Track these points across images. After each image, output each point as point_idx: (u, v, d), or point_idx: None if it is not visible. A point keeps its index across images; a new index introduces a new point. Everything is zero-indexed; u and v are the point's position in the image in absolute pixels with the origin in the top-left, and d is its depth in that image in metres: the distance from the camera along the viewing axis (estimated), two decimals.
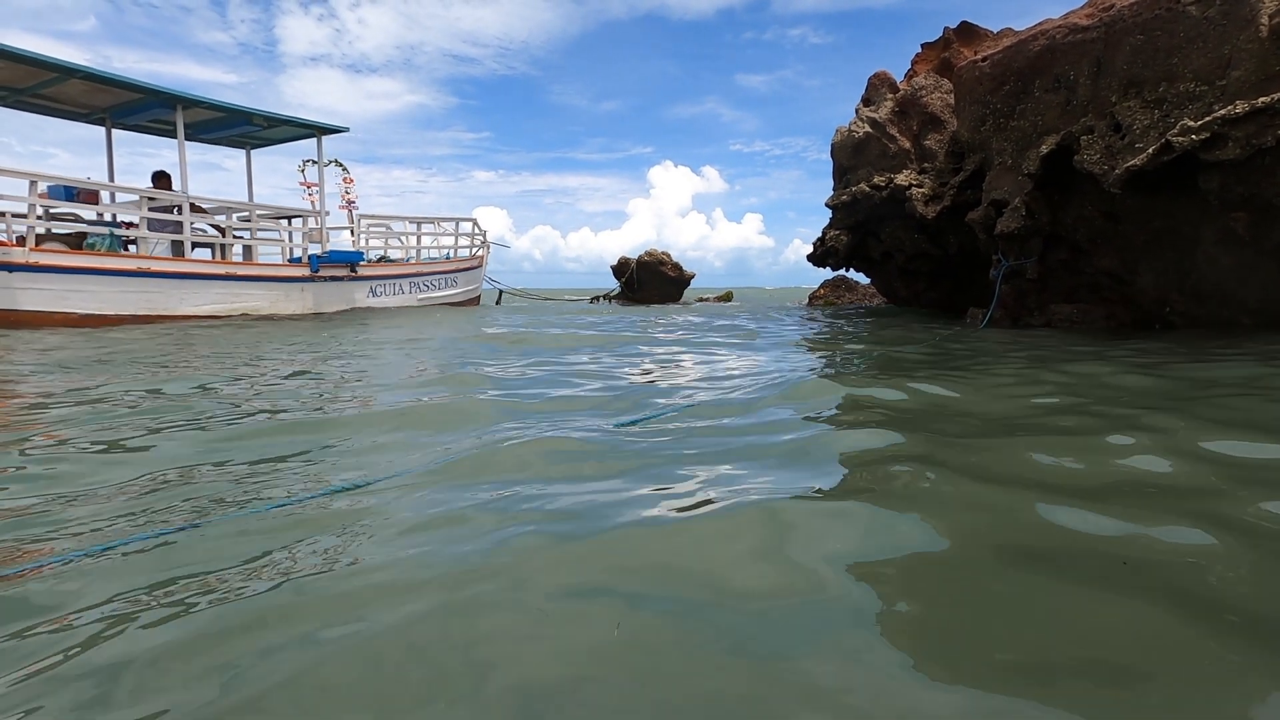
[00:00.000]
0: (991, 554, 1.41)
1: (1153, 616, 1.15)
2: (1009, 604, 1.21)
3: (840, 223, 10.85)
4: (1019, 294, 8.55)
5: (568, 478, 2.01)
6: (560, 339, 7.11)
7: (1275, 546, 1.41)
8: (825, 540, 1.47)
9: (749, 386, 3.71)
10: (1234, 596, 1.21)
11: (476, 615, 1.18)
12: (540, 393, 3.62)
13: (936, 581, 1.32)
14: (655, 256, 19.05)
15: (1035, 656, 1.06)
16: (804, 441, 2.36)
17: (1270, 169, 5.63)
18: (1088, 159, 6.89)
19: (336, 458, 2.35)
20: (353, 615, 1.19)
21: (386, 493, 1.90)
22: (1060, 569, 1.34)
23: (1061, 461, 2.05)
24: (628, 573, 1.35)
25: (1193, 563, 1.35)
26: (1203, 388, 3.36)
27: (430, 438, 2.59)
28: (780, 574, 1.33)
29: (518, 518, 1.65)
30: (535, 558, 1.41)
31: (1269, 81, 5.55)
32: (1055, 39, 7.37)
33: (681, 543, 1.49)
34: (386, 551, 1.47)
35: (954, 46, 9.98)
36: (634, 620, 1.16)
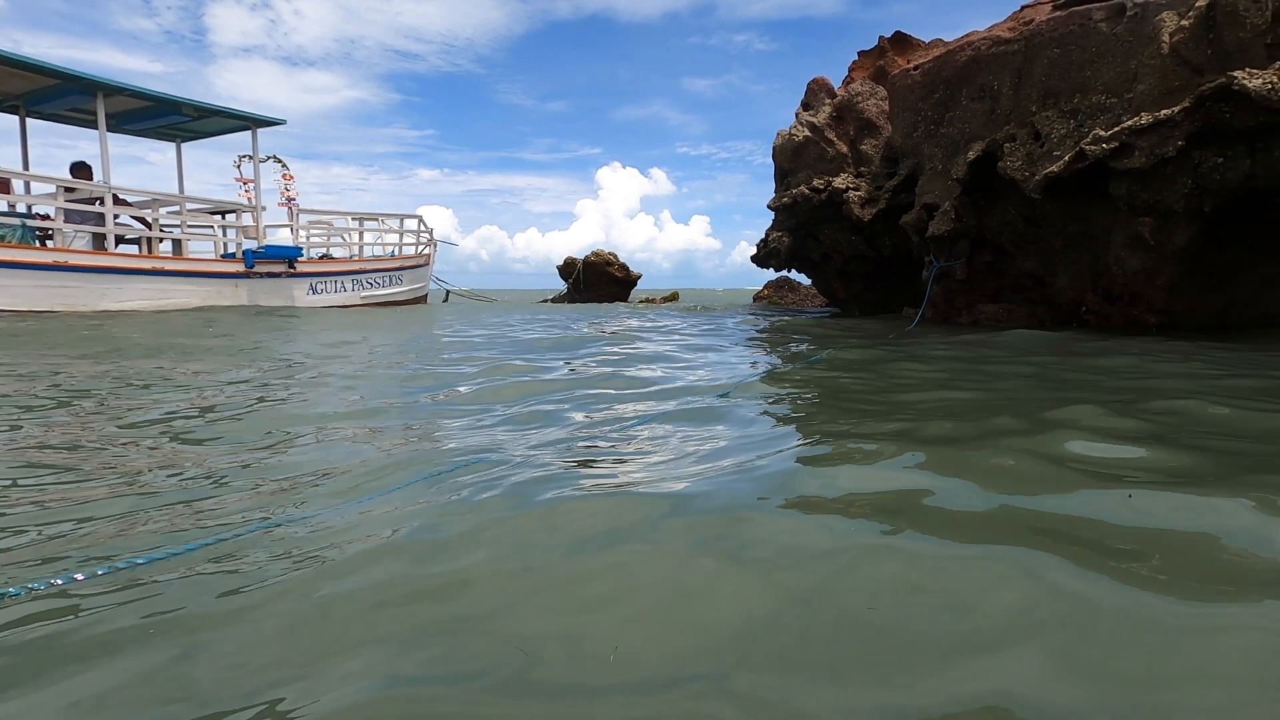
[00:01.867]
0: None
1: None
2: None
3: (782, 224, 11.09)
4: (948, 294, 8.91)
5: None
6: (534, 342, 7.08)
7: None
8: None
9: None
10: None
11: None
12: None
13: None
14: (602, 257, 19.08)
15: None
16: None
17: (1172, 177, 6.01)
18: (1010, 165, 7.23)
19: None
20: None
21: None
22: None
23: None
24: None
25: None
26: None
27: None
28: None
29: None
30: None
31: (1170, 95, 5.94)
32: (980, 50, 7.71)
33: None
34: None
35: (889, 55, 10.33)
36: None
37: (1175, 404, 2.71)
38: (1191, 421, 2.44)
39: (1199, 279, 6.64)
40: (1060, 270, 7.72)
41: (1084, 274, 7.50)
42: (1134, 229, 6.52)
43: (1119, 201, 6.40)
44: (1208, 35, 5.66)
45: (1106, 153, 6.15)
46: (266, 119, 13.50)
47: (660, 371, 4.27)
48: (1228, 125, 5.59)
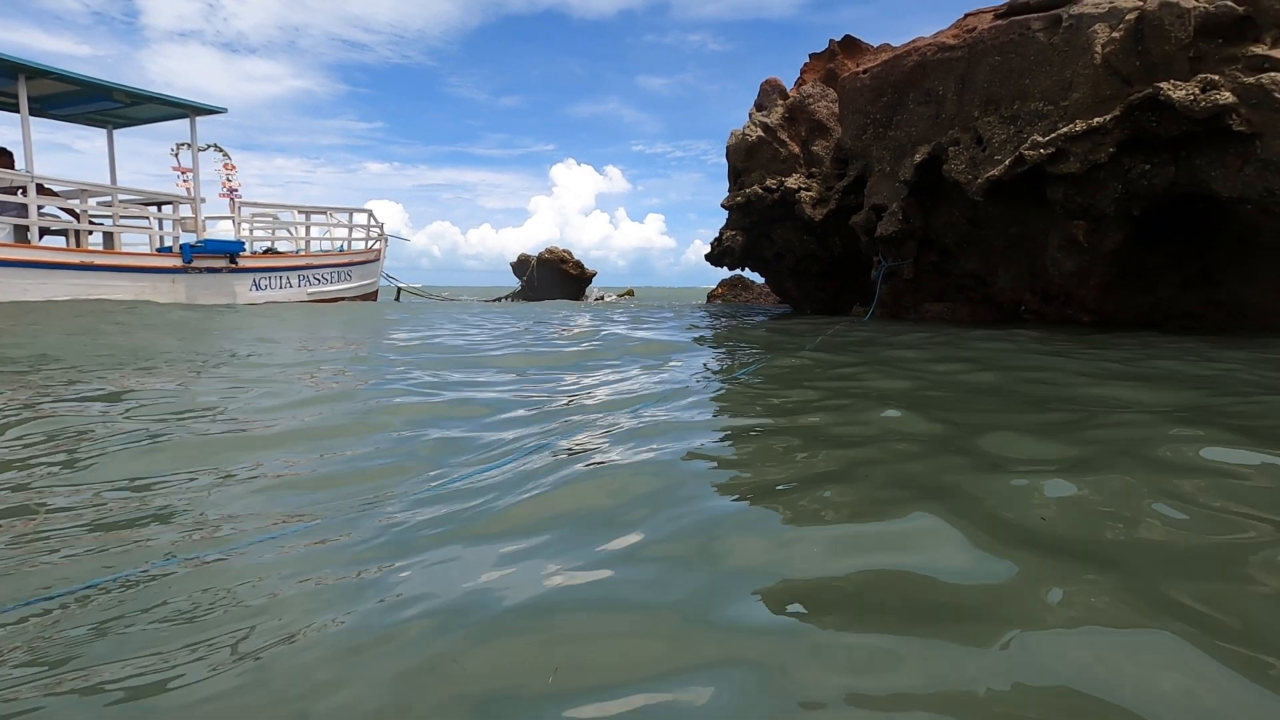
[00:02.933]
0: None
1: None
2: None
3: (735, 223, 11.20)
4: (896, 293, 9.14)
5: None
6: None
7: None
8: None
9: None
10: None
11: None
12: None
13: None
14: (556, 254, 18.96)
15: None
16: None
17: (1104, 182, 6.29)
18: (955, 168, 7.45)
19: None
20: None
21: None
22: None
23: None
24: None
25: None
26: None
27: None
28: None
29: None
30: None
31: (1102, 104, 6.21)
32: (926, 56, 7.92)
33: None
34: None
35: (839, 59, 10.53)
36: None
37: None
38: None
39: (1128, 280, 6.96)
40: (1001, 271, 8.00)
41: (1023, 274, 7.79)
42: (1069, 231, 6.79)
43: (1055, 205, 6.67)
44: (1136, 47, 5.94)
45: (1044, 158, 6.39)
46: (206, 106, 12.98)
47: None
48: (1154, 134, 5.88)
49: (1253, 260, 6.12)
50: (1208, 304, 6.62)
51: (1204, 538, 1.41)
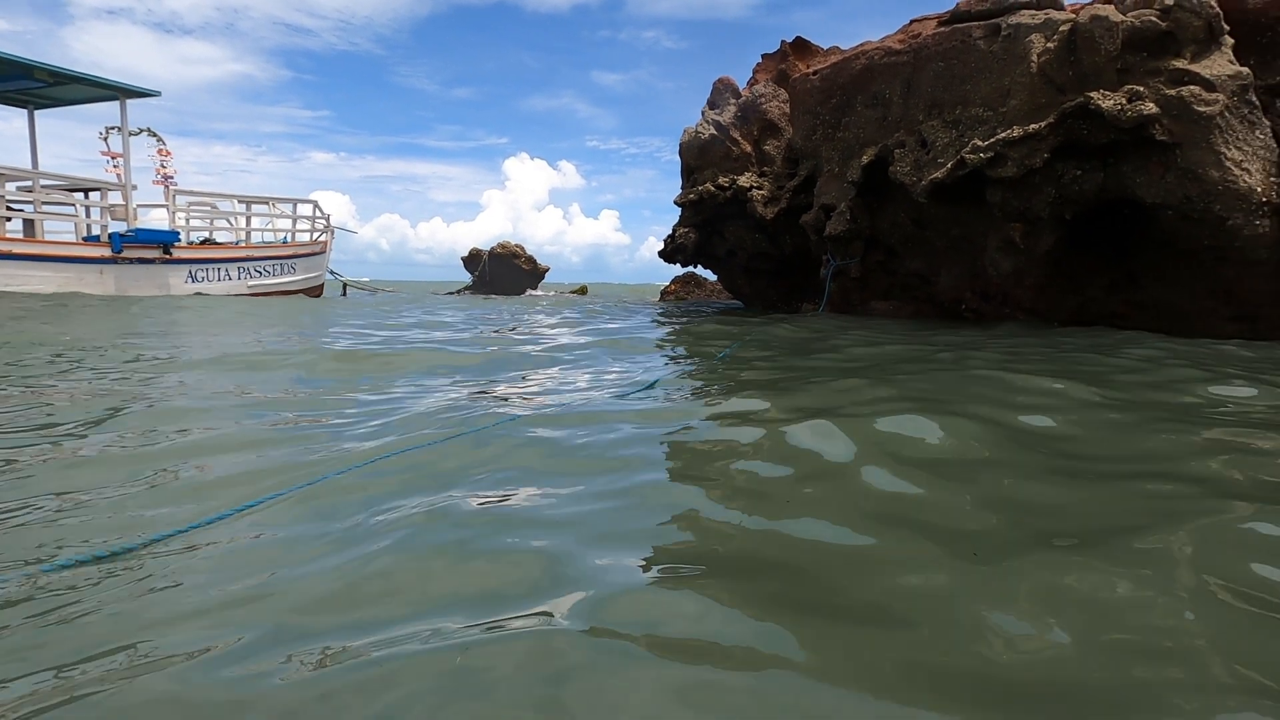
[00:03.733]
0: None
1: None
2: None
3: (688, 220, 11.28)
4: (844, 291, 9.35)
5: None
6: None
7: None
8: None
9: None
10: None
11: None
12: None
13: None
14: (509, 249, 18.76)
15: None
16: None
17: (1039, 187, 6.54)
18: (900, 170, 7.65)
19: None
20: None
21: None
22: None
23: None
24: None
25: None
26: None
27: None
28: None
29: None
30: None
31: (1038, 111, 6.46)
32: (874, 59, 8.11)
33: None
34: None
35: (790, 60, 10.69)
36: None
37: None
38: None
39: (1060, 281, 7.27)
40: (943, 270, 8.26)
41: (964, 274, 8.05)
42: (1006, 233, 7.05)
43: (994, 208, 6.91)
44: (1070, 57, 6.19)
45: (983, 161, 6.62)
46: (137, 89, 12.39)
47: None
48: (1085, 141, 6.15)
49: (1171, 264, 6.46)
50: (1131, 305, 6.96)
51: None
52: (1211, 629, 1.07)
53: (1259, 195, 5.56)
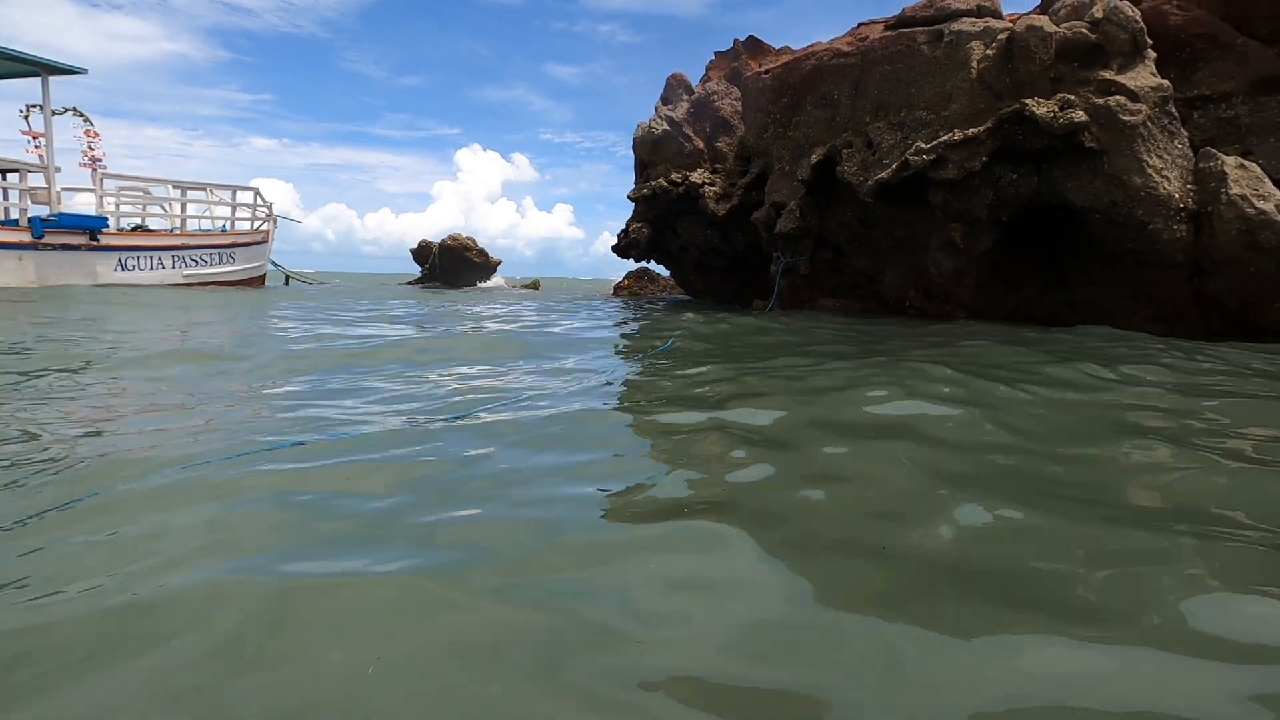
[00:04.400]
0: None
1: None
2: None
3: (641, 215, 11.30)
4: (794, 288, 9.52)
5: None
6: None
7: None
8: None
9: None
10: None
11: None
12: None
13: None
14: (460, 241, 18.47)
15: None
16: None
17: (978, 189, 6.78)
18: (847, 170, 7.82)
19: None
20: None
21: None
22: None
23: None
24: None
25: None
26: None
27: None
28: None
29: None
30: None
31: (977, 116, 6.69)
32: (823, 60, 8.26)
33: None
34: None
35: (743, 58, 10.80)
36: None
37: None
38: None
39: (998, 281, 7.55)
40: (889, 269, 8.49)
41: (908, 273, 8.29)
42: (948, 234, 7.29)
43: (936, 208, 7.13)
44: (1007, 65, 6.43)
45: (926, 163, 6.82)
46: (61, 65, 11.74)
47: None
48: (1021, 146, 6.39)
49: (1099, 267, 6.79)
50: (1063, 304, 7.28)
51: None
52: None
53: (1177, 201, 5.89)
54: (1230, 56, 7.09)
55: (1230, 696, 0.92)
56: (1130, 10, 6.12)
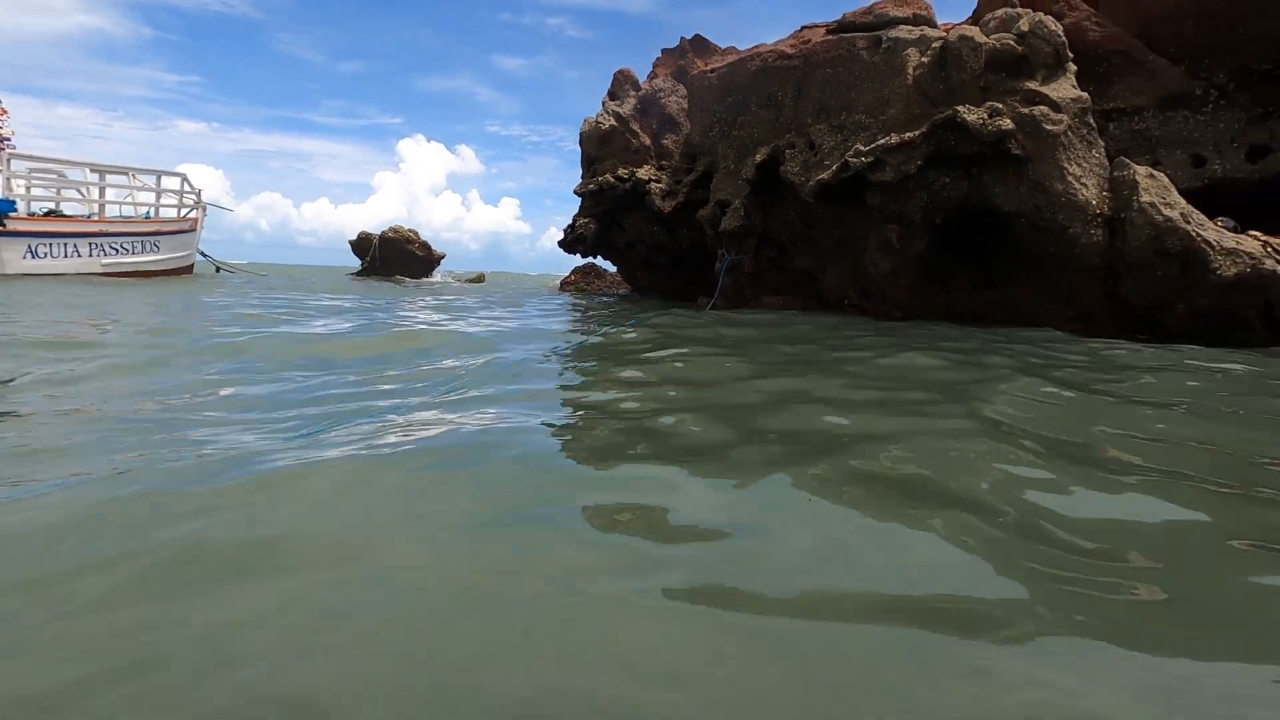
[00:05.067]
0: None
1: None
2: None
3: (588, 211, 11.28)
4: (738, 286, 9.67)
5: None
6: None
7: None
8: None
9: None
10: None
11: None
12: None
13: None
14: (401, 234, 18.04)
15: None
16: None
17: (913, 192, 7.03)
18: (790, 170, 7.99)
19: None
20: None
21: None
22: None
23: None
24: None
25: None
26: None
27: None
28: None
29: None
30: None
31: (913, 121, 6.93)
32: (768, 62, 8.40)
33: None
34: None
35: (689, 56, 10.90)
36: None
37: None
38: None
39: (931, 282, 7.84)
40: (829, 268, 8.71)
41: (848, 273, 8.53)
42: (885, 235, 7.53)
43: (874, 210, 7.36)
44: (941, 73, 6.68)
45: (865, 165, 7.03)
46: None
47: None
48: (953, 151, 6.66)
49: (1023, 269, 7.13)
50: (991, 304, 7.62)
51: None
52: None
53: (1094, 208, 6.24)
54: (1142, 73, 7.56)
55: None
56: (1053, 25, 6.44)
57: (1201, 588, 1.21)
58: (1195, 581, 1.24)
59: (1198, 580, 1.24)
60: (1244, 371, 4.05)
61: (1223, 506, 1.59)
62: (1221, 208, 6.87)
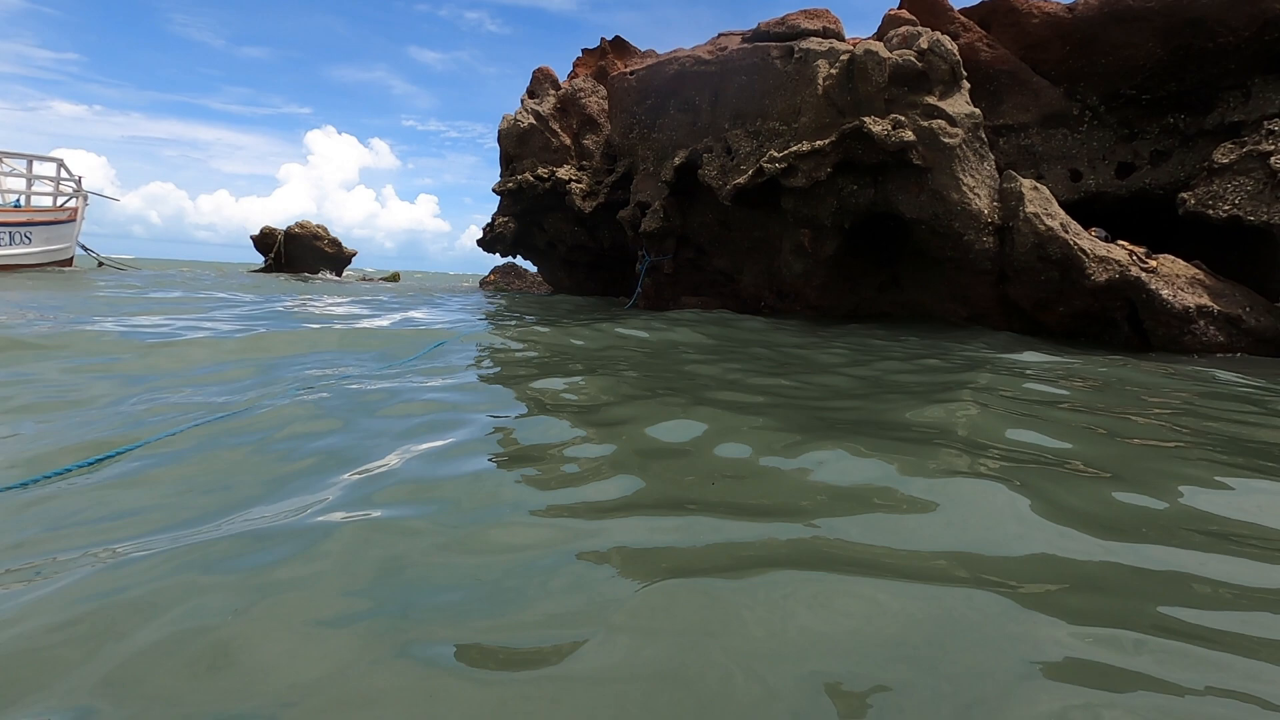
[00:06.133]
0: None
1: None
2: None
3: (508, 210, 11.14)
4: (658, 286, 9.79)
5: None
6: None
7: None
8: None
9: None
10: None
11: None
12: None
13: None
14: (309, 230, 17.23)
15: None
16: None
17: (823, 197, 7.33)
18: (708, 174, 8.16)
19: None
20: None
21: None
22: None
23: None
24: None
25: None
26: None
27: None
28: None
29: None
30: None
31: (823, 130, 7.22)
32: (685, 67, 8.56)
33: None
34: None
35: (609, 57, 10.95)
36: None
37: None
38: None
39: (841, 283, 8.20)
40: (746, 269, 8.96)
41: (763, 273, 8.80)
42: (798, 238, 7.82)
43: (787, 214, 7.63)
44: (848, 84, 7.00)
45: (778, 171, 7.27)
46: None
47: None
48: (860, 160, 6.99)
49: (924, 271, 7.58)
50: (895, 304, 8.05)
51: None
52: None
53: (986, 216, 6.70)
54: (1027, 92, 8.17)
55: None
56: (950, 44, 6.88)
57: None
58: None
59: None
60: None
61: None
62: (1095, 218, 7.54)
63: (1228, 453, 2.15)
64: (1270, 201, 6.36)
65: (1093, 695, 0.92)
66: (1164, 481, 1.79)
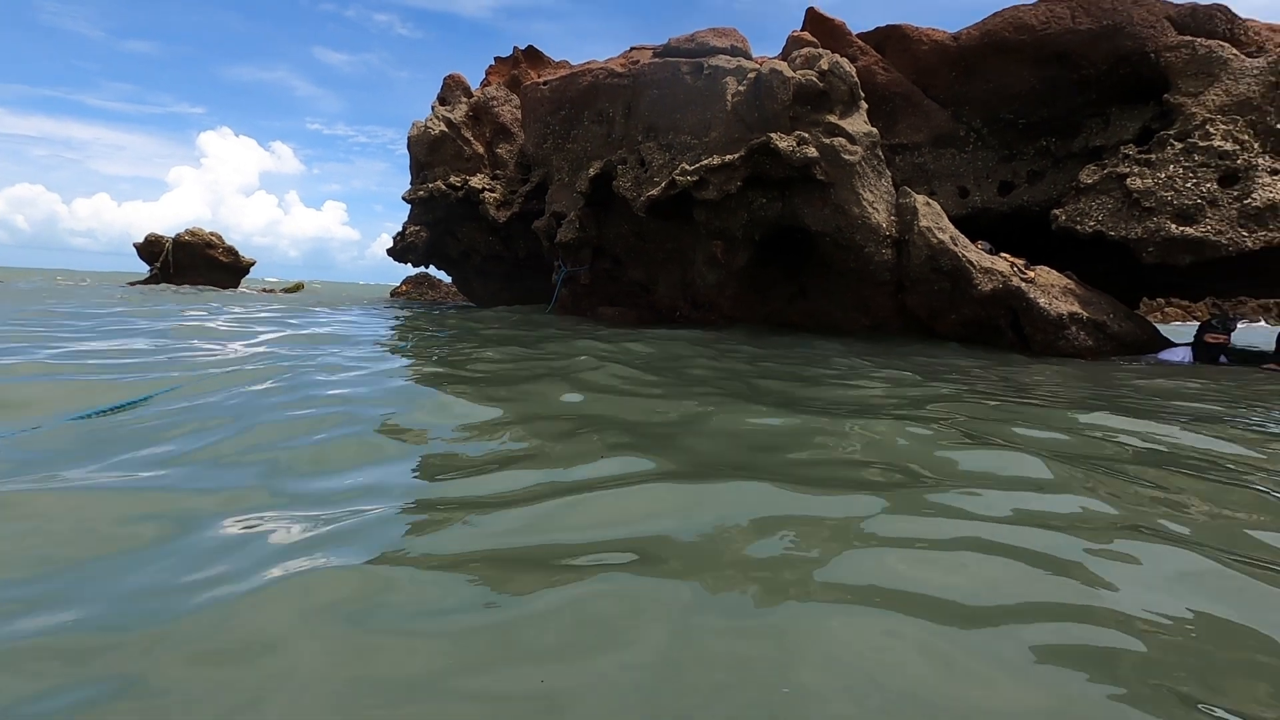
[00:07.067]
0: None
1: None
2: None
3: (419, 219, 10.87)
4: (575, 296, 9.78)
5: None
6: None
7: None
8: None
9: None
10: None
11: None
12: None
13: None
14: (201, 238, 16.18)
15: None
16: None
17: (734, 210, 7.55)
18: (622, 185, 8.24)
19: None
20: None
21: None
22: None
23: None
24: None
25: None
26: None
27: None
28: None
29: None
30: None
31: (733, 144, 7.45)
32: (599, 79, 8.63)
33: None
34: None
35: (522, 66, 10.89)
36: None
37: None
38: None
39: (752, 292, 8.46)
40: (661, 280, 9.09)
41: (678, 284, 8.96)
42: (710, 250, 8.01)
43: (700, 226, 7.81)
44: (756, 101, 7.25)
45: (690, 184, 7.44)
46: None
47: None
48: (769, 174, 7.25)
49: (829, 282, 7.93)
50: (803, 313, 8.37)
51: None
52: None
53: (884, 230, 7.09)
54: (919, 114, 8.72)
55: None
56: (848, 66, 7.25)
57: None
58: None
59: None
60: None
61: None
62: (980, 232, 8.11)
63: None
64: (1128, 219, 7.05)
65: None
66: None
